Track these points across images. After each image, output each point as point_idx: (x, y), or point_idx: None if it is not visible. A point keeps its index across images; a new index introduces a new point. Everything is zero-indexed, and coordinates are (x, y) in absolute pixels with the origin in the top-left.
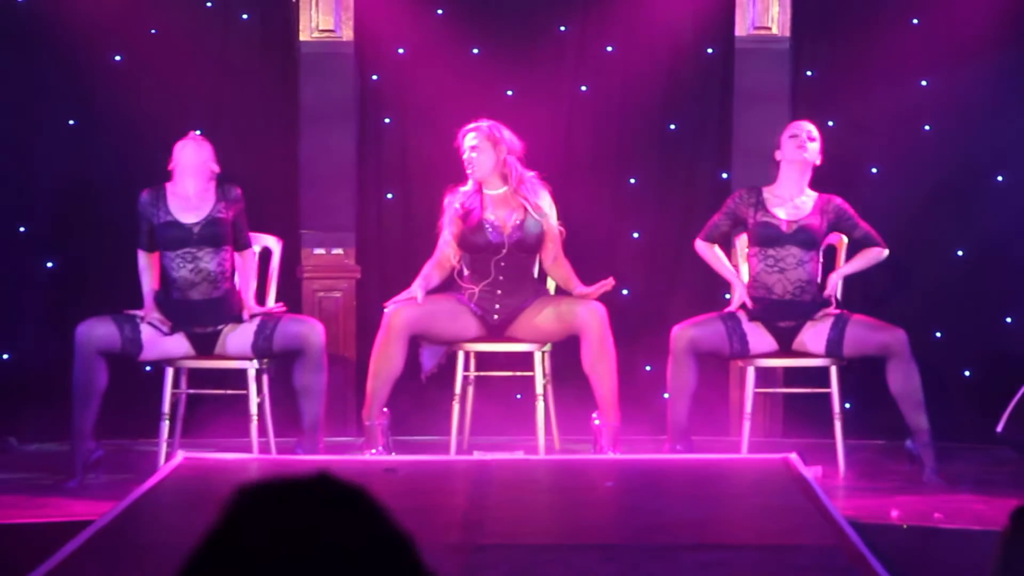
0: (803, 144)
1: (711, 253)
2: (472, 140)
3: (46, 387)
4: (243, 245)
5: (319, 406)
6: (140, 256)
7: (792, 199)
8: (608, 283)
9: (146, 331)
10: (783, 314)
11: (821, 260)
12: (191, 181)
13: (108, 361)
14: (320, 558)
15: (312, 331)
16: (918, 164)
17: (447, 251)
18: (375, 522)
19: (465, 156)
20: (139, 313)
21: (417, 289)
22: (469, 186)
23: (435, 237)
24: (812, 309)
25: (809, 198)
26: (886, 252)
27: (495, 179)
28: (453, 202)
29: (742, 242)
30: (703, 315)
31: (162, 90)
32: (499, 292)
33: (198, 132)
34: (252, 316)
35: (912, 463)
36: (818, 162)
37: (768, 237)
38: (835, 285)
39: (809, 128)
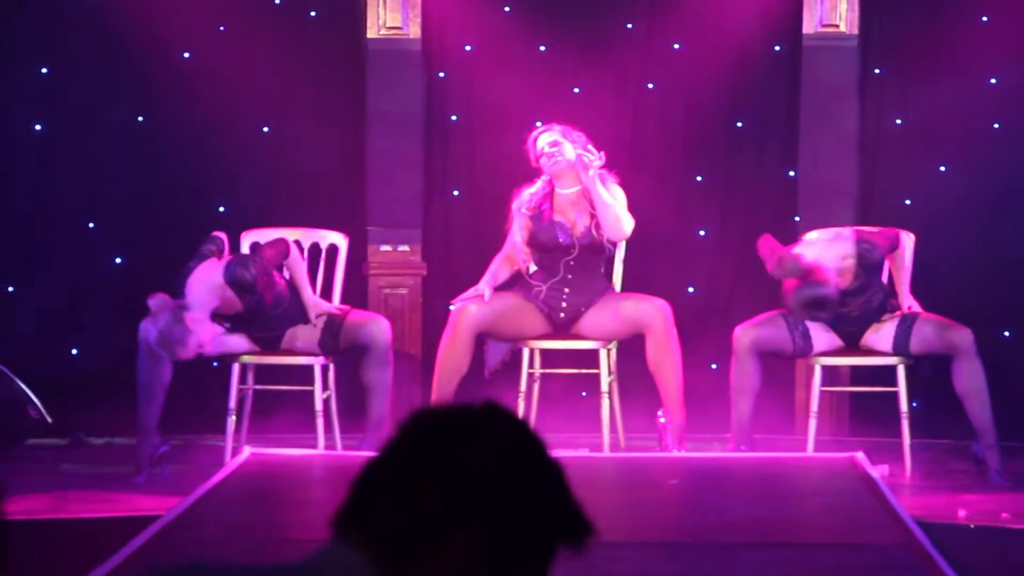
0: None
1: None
2: (549, 137)
3: (114, 382)
4: (285, 254)
5: (385, 402)
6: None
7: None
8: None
9: (201, 329)
10: (851, 323)
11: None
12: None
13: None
14: (482, 468)
15: (378, 327)
16: (987, 163)
17: (514, 251)
18: (532, 442)
19: (545, 153)
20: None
21: (485, 287)
22: (538, 186)
23: (502, 235)
24: (877, 313)
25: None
26: (909, 239)
27: (570, 177)
28: (521, 205)
29: None
30: (765, 313)
31: (230, 87)
32: (567, 290)
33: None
34: (318, 316)
35: (978, 465)
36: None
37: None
38: (907, 304)
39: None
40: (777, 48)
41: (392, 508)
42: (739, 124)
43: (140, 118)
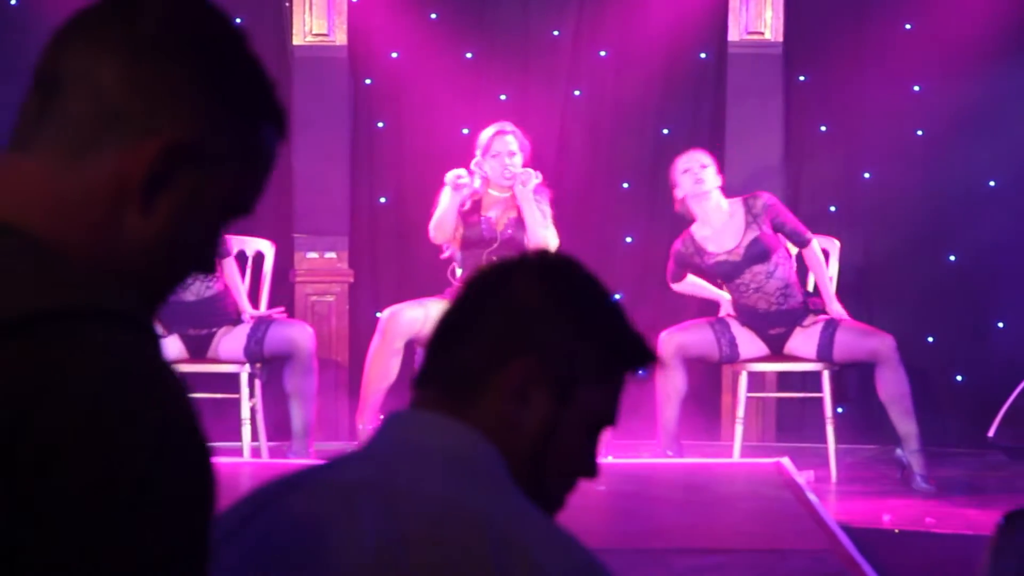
0: (699, 178)
1: (688, 287)
2: (513, 146)
3: None
4: (224, 253)
5: (309, 410)
6: None
7: (721, 227)
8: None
9: None
10: (774, 323)
11: (790, 254)
12: None
13: None
14: (535, 302)
15: (302, 335)
16: (910, 169)
17: (446, 221)
18: (583, 277)
19: (503, 160)
20: None
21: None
22: (477, 184)
23: (427, 240)
24: (801, 315)
25: (736, 213)
26: (816, 243)
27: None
28: (458, 183)
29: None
30: (692, 320)
31: None
32: None
33: None
34: (252, 317)
35: (902, 471)
36: (720, 183)
37: (726, 274)
38: (834, 309)
39: (699, 158)
40: (703, 55)
41: (457, 352)
42: (665, 131)
43: None
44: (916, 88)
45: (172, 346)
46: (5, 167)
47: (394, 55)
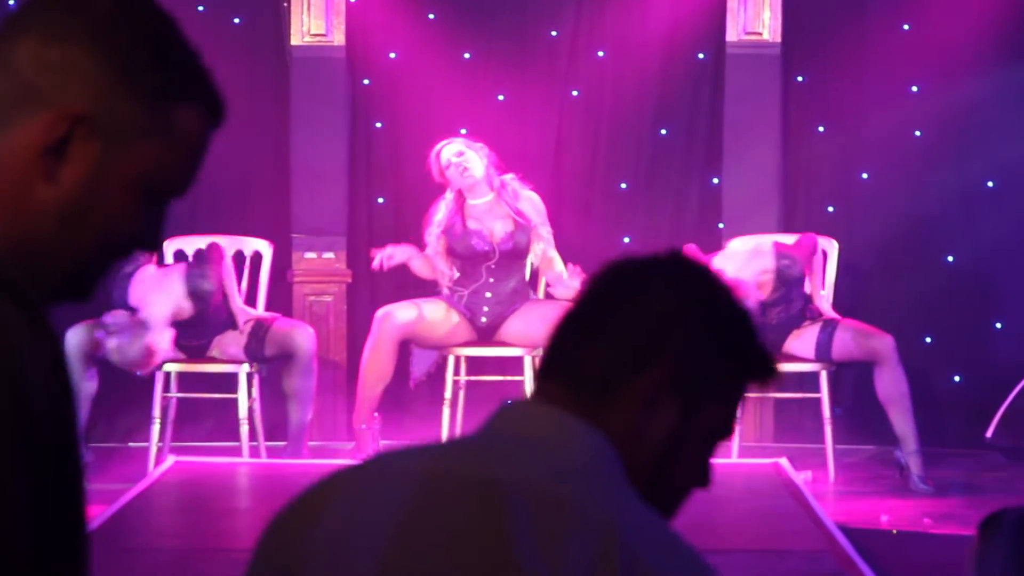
0: None
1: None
2: (453, 148)
3: None
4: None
5: (307, 411)
6: None
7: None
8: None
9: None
10: (771, 331)
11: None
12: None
13: (97, 365)
14: (671, 311)
15: (302, 336)
16: (908, 170)
17: (436, 266)
18: (717, 286)
19: (452, 163)
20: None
21: (404, 251)
22: (444, 207)
23: (424, 240)
24: (800, 319)
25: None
26: (832, 244)
27: (482, 186)
28: (431, 229)
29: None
30: None
31: None
32: (488, 295)
33: None
34: (246, 322)
35: (900, 471)
36: None
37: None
38: (823, 309)
39: None
40: (701, 56)
41: (588, 351)
42: (663, 131)
43: None
44: (914, 89)
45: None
46: None
47: (392, 55)
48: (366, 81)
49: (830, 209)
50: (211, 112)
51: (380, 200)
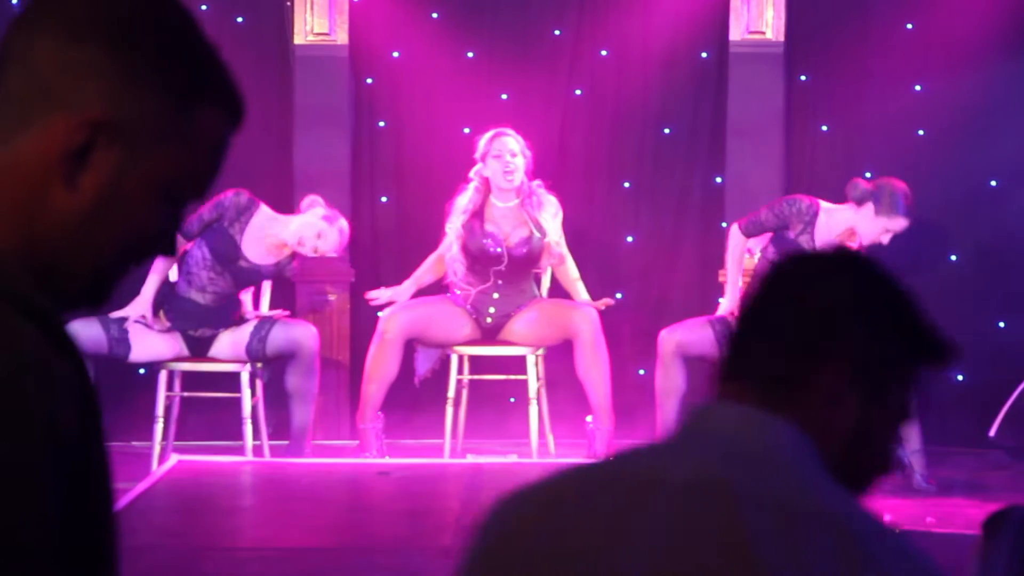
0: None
1: (738, 246)
2: (513, 146)
3: None
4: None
5: (309, 410)
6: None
7: (837, 226)
8: (608, 301)
9: (134, 331)
10: None
11: None
12: (280, 245)
13: (97, 364)
14: (847, 305)
15: (305, 335)
16: (912, 169)
17: (450, 260)
18: (888, 278)
19: (504, 160)
20: (125, 314)
21: (404, 292)
22: (471, 191)
23: (430, 241)
24: None
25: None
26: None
27: (512, 192)
28: (456, 214)
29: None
30: (692, 319)
31: None
32: (495, 296)
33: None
34: (256, 317)
35: (902, 471)
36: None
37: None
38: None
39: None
40: (704, 55)
41: (770, 349)
42: (666, 131)
43: None
44: (917, 88)
45: (171, 345)
46: None
47: (395, 54)
48: (369, 80)
49: None
50: (231, 114)
51: (383, 199)
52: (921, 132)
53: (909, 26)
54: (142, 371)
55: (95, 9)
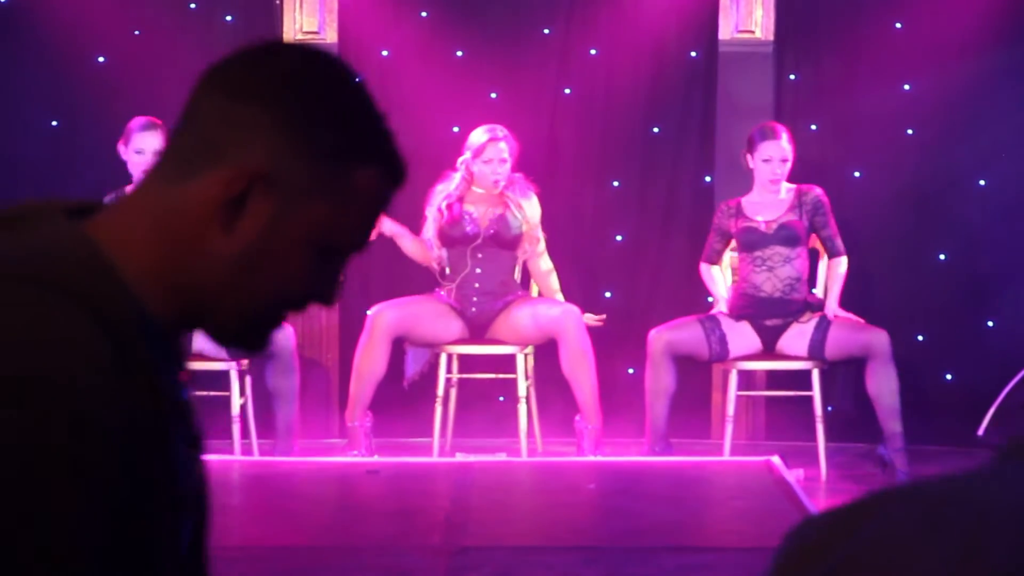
0: (776, 176)
1: (709, 275)
2: (506, 152)
3: None
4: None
5: (293, 408)
6: None
7: (769, 200)
8: (599, 321)
9: None
10: (772, 312)
11: (808, 256)
12: None
13: None
14: None
15: (282, 334)
16: (900, 168)
17: (427, 246)
18: None
19: (494, 161)
20: None
21: (402, 234)
22: (457, 180)
23: (417, 234)
24: (801, 310)
25: (787, 195)
26: (845, 260)
27: (495, 186)
28: (437, 202)
29: (733, 259)
30: (681, 318)
31: (145, 92)
32: (476, 285)
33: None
34: None
35: (883, 468)
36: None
37: (750, 241)
38: (832, 311)
39: (785, 151)
40: (693, 54)
41: None
42: (655, 130)
43: (54, 122)
44: (906, 87)
45: None
46: (137, 191)
47: (384, 53)
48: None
49: None
50: (391, 174)
51: None
52: (910, 131)
53: (898, 25)
54: None
55: (259, 69)
